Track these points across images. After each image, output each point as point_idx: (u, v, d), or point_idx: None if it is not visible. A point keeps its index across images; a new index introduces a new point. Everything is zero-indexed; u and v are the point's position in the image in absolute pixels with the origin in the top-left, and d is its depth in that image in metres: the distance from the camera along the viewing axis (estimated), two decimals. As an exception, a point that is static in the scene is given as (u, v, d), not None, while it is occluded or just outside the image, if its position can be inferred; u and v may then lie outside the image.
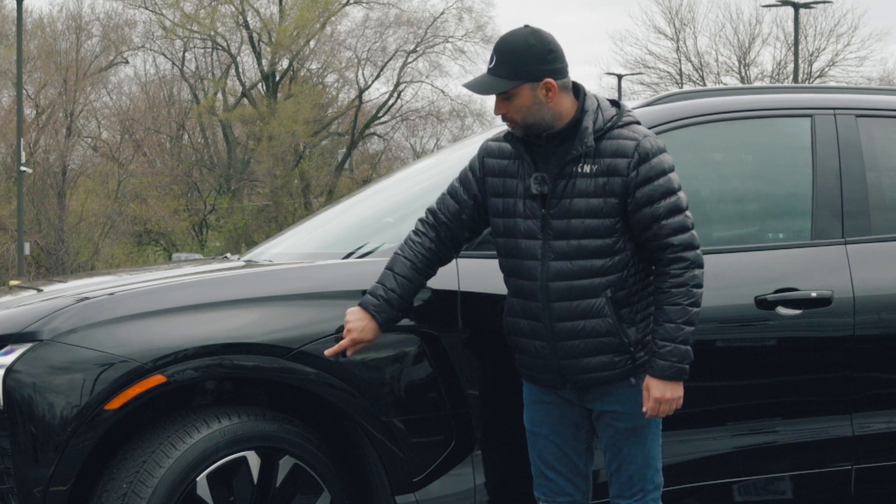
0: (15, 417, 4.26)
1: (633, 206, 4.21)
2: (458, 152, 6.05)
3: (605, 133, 4.26)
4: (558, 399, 4.39)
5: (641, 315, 4.27)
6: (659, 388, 4.22)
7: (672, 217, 4.22)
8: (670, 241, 4.21)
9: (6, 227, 39.24)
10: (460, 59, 47.34)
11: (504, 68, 4.25)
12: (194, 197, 47.36)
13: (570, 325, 4.25)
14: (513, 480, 4.67)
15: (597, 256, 4.23)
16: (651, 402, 4.23)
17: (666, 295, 4.21)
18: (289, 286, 4.58)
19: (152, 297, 4.47)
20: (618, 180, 4.21)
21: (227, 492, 4.39)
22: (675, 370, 4.21)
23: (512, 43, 4.27)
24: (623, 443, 4.34)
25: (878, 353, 5.09)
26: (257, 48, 46.35)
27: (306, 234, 5.76)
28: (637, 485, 4.36)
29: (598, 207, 4.22)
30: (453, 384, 4.58)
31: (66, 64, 43.25)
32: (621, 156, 4.22)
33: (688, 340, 4.21)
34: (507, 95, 4.26)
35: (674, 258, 4.21)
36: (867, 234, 5.15)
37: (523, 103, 4.25)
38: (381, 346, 4.49)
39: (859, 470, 5.04)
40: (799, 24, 38.13)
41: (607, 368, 4.26)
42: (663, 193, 4.21)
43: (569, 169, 4.26)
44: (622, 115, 4.31)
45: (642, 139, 4.24)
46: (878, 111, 5.39)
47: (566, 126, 4.28)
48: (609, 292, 4.22)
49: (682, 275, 4.21)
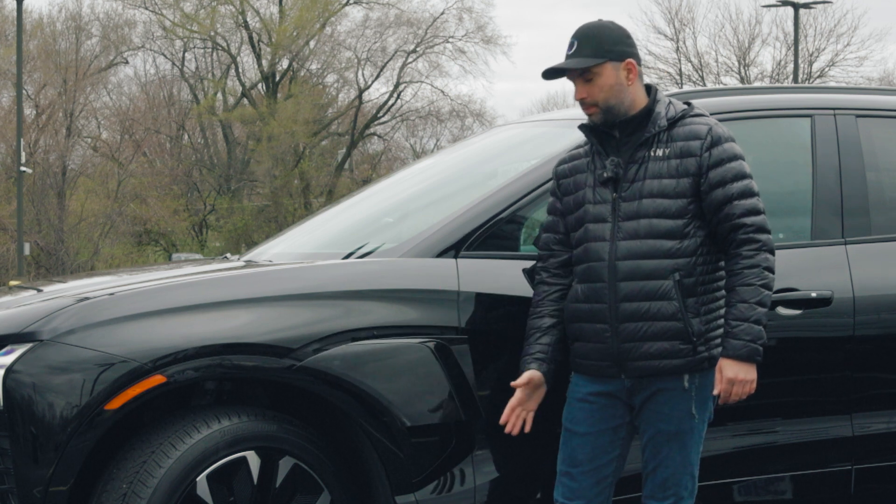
0: (15, 417, 4.25)
1: (707, 187, 4.27)
2: (458, 152, 6.07)
3: (677, 121, 4.35)
4: (604, 399, 4.36)
5: (707, 308, 4.28)
6: (732, 368, 4.21)
7: (745, 199, 4.27)
8: (743, 221, 4.25)
9: (6, 227, 39.23)
10: (460, 59, 47.26)
11: (587, 48, 4.34)
12: (194, 197, 47.35)
13: (636, 307, 4.26)
14: (513, 481, 4.67)
15: (667, 237, 4.26)
16: (724, 384, 4.22)
17: (739, 276, 4.23)
18: (289, 286, 4.58)
19: (152, 298, 4.47)
20: (691, 161, 4.28)
21: (227, 492, 4.39)
22: (749, 350, 4.20)
23: (592, 27, 4.39)
24: (663, 445, 4.33)
25: (878, 353, 5.09)
26: (257, 48, 46.34)
27: (306, 234, 5.76)
28: (671, 489, 4.35)
29: (670, 187, 4.28)
30: (453, 384, 4.57)
31: (65, 64, 43.24)
32: (694, 138, 4.30)
33: (761, 320, 4.21)
34: (589, 76, 4.33)
35: (746, 239, 4.25)
36: (867, 234, 5.15)
37: (606, 83, 4.33)
38: (381, 347, 4.49)
39: (859, 470, 5.04)
40: (799, 24, 38.13)
41: (667, 356, 4.25)
42: (735, 175, 4.28)
43: (641, 153, 4.33)
44: (693, 108, 4.41)
45: (714, 125, 4.34)
46: (878, 111, 5.40)
47: (640, 113, 4.35)
48: (677, 275, 4.24)
49: (755, 256, 4.24)
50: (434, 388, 4.55)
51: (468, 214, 4.77)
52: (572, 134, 4.67)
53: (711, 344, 4.28)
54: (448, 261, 4.66)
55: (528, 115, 17.73)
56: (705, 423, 4.35)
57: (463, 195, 5.08)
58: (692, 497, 4.38)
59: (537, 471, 4.64)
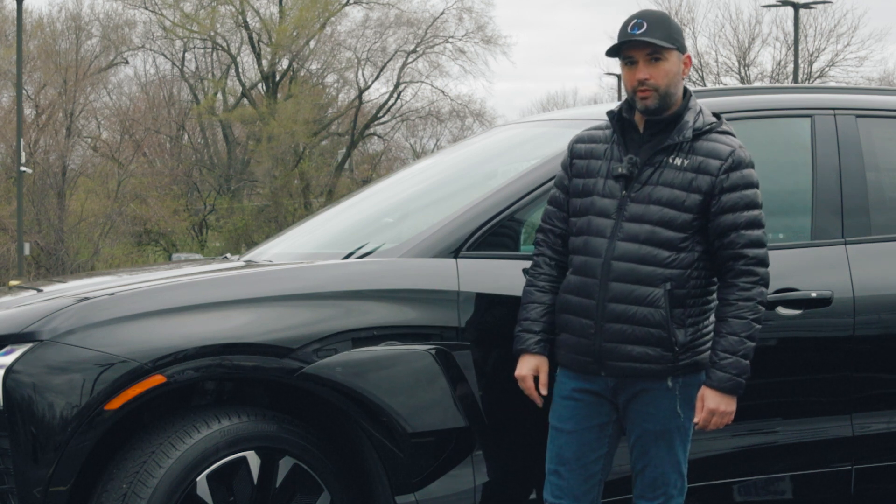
0: (15, 418, 4.25)
1: (717, 210, 4.24)
2: (458, 152, 6.07)
3: (703, 133, 4.31)
4: (589, 396, 4.36)
5: (693, 321, 4.27)
6: (714, 399, 4.23)
7: (751, 230, 4.25)
8: (745, 252, 4.24)
9: (6, 227, 39.23)
10: (460, 59, 47.26)
11: (659, 32, 4.30)
12: (194, 197, 47.35)
13: (623, 309, 4.25)
14: (512, 481, 4.67)
15: (665, 247, 4.25)
16: (705, 414, 4.24)
17: (732, 307, 4.23)
18: (289, 286, 4.58)
19: (152, 298, 4.47)
20: (706, 179, 4.25)
21: (227, 492, 4.39)
22: (733, 384, 4.22)
23: (658, 13, 4.38)
24: (650, 444, 4.33)
25: (878, 353, 5.09)
26: (257, 48, 46.34)
27: (306, 234, 5.76)
28: (661, 488, 4.35)
29: (679, 200, 4.25)
30: (455, 391, 4.57)
31: (65, 64, 43.24)
32: (715, 157, 4.26)
33: (748, 355, 4.22)
34: (657, 57, 4.29)
35: (745, 270, 4.23)
36: (867, 234, 5.15)
37: (672, 69, 4.31)
38: (383, 354, 4.48)
39: (859, 470, 5.04)
40: (799, 24, 38.12)
41: (647, 361, 4.25)
42: (748, 204, 4.25)
43: (660, 158, 4.30)
44: (721, 124, 4.37)
45: (738, 148, 4.30)
46: (878, 111, 5.39)
47: (670, 116, 4.32)
48: (669, 285, 4.23)
49: (751, 289, 4.23)
50: (437, 396, 4.53)
51: (468, 214, 4.77)
52: (572, 134, 4.66)
53: (695, 352, 4.27)
54: (448, 261, 4.66)
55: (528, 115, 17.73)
56: (692, 421, 4.34)
57: (463, 195, 5.08)
58: (682, 495, 4.38)
59: (537, 471, 4.64)
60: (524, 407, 4.55)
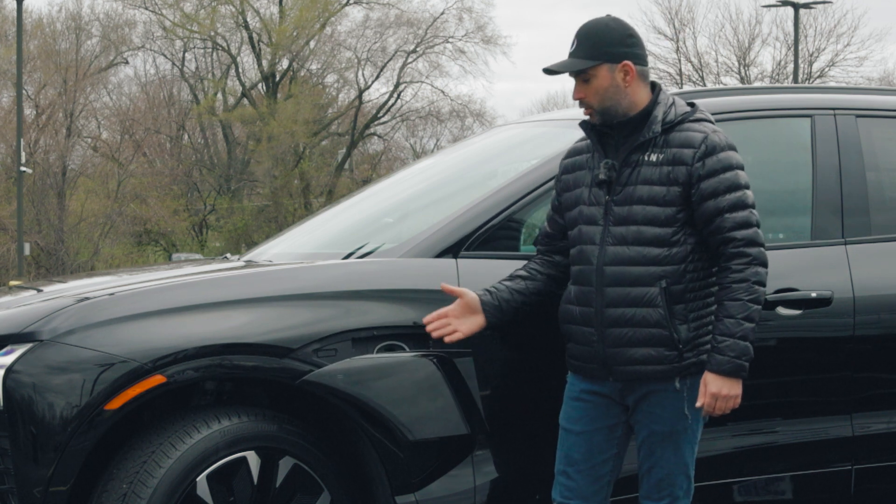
0: (15, 418, 4.25)
1: (698, 198, 4.23)
2: (458, 152, 6.07)
3: (675, 125, 4.30)
4: (598, 398, 4.36)
5: (695, 315, 4.26)
6: (716, 383, 4.20)
7: (736, 211, 4.23)
8: (733, 235, 4.22)
9: (6, 227, 39.23)
10: (460, 59, 47.25)
11: (584, 49, 4.31)
12: (194, 197, 47.34)
13: (620, 312, 4.25)
14: (512, 481, 4.66)
15: (655, 245, 4.24)
16: (707, 398, 4.21)
17: (727, 290, 4.21)
18: (289, 286, 4.58)
19: (152, 298, 4.47)
20: (682, 169, 4.24)
21: (227, 492, 4.39)
22: (734, 366, 4.19)
23: (592, 26, 4.35)
24: (657, 445, 4.32)
25: (878, 353, 5.09)
26: (257, 48, 46.34)
27: (306, 234, 5.76)
28: (666, 489, 4.34)
29: (660, 195, 4.24)
30: (453, 384, 4.57)
31: (65, 64, 43.23)
32: (688, 146, 4.25)
33: (747, 336, 4.19)
34: (586, 77, 4.30)
35: (735, 253, 4.22)
36: (867, 234, 5.15)
37: (601, 85, 4.30)
38: (384, 362, 4.47)
39: (859, 470, 5.04)
40: (799, 24, 38.12)
41: (653, 362, 4.24)
42: (728, 187, 4.23)
43: (635, 157, 4.29)
44: (695, 112, 4.36)
45: (711, 133, 4.28)
46: (878, 111, 5.39)
47: (638, 115, 4.31)
48: (664, 283, 4.22)
49: (744, 270, 4.21)
50: (439, 405, 4.51)
51: (468, 215, 4.77)
52: (572, 134, 4.66)
53: (700, 350, 4.26)
54: (448, 261, 4.66)
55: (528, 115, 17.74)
56: (699, 423, 4.34)
57: (463, 195, 5.08)
58: (688, 497, 4.37)
59: (537, 471, 4.64)
60: (526, 410, 4.55)
